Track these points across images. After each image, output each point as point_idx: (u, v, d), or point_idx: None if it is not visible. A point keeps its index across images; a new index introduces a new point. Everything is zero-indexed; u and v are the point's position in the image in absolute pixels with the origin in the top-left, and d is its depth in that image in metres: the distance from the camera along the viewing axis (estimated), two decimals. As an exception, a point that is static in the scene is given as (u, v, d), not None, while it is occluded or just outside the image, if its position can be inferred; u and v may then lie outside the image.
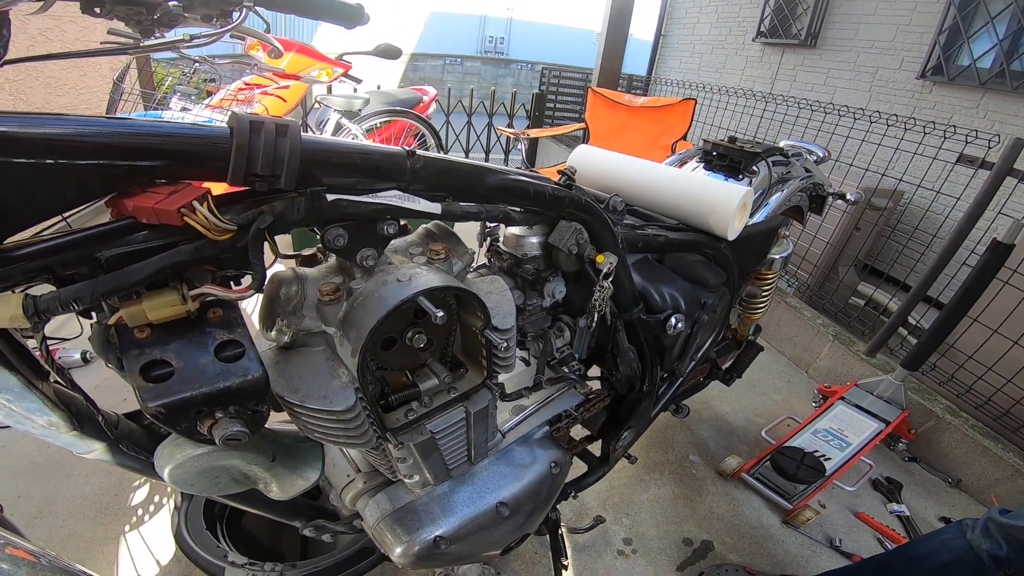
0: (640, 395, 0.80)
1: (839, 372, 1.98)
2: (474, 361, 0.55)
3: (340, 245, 0.41)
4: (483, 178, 0.48)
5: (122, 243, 0.33)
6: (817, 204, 1.26)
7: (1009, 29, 2.58)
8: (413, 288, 0.41)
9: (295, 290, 0.44)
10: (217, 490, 0.50)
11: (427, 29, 12.05)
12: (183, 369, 0.35)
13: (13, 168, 0.29)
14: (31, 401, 0.41)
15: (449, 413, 0.53)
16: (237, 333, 0.37)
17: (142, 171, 0.31)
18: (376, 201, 0.41)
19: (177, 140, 0.32)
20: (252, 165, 0.33)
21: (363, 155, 0.40)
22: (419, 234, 0.52)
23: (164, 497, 1.20)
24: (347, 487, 0.66)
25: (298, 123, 0.36)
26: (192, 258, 0.34)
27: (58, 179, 0.29)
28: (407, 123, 2.99)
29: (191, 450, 0.44)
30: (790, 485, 1.39)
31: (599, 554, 1.19)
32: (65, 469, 1.23)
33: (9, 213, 0.30)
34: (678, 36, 4.97)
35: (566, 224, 0.58)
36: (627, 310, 0.67)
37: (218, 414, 0.36)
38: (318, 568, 0.97)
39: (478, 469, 0.65)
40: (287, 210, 0.37)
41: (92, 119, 0.30)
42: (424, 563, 0.61)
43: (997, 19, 2.60)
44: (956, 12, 2.74)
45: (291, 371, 0.44)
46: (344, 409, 0.42)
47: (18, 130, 0.28)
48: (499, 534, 0.65)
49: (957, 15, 2.74)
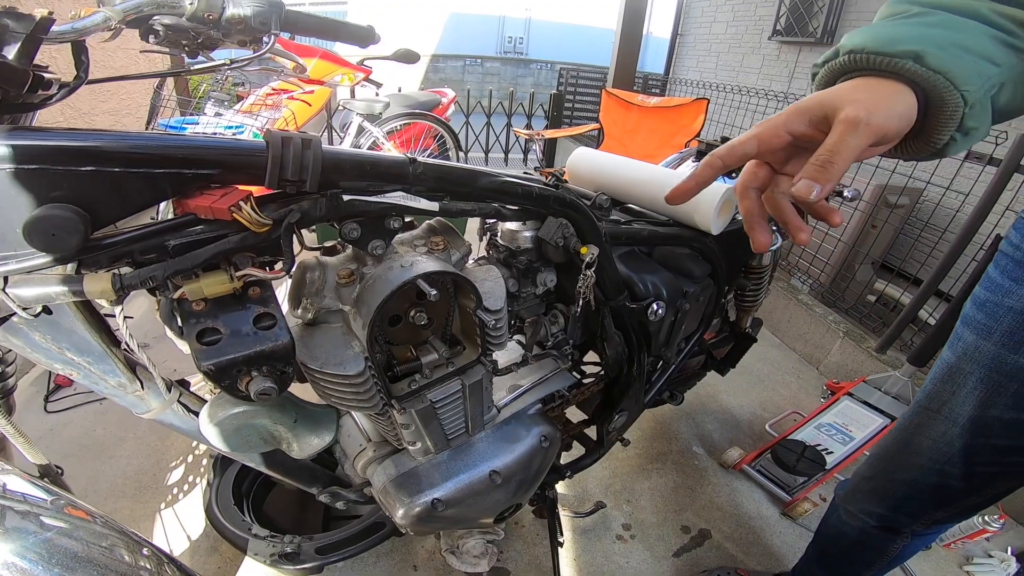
0: (630, 379, 0.87)
1: (850, 368, 1.99)
2: (471, 340, 0.63)
3: (354, 237, 0.50)
4: (476, 180, 0.56)
5: (184, 234, 0.42)
6: (819, 201, 1.29)
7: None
8: (413, 272, 0.50)
9: (318, 275, 0.53)
10: (248, 448, 0.59)
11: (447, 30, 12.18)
12: (229, 335, 0.44)
13: (106, 175, 0.38)
14: (107, 364, 0.51)
15: (447, 384, 0.61)
16: (271, 307, 0.45)
17: (201, 177, 0.40)
18: (384, 201, 0.49)
19: (227, 153, 0.41)
20: (284, 172, 0.42)
21: (373, 162, 0.49)
22: (423, 229, 0.61)
23: (197, 477, 1.31)
24: (359, 455, 0.74)
25: (320, 137, 0.45)
26: (238, 246, 0.43)
27: (139, 184, 0.39)
28: (426, 125, 3.08)
29: (229, 410, 0.53)
30: (790, 477, 1.43)
31: (598, 538, 1.25)
32: (108, 451, 1.36)
33: (101, 210, 0.39)
34: (695, 35, 4.96)
35: (553, 220, 0.65)
36: (612, 297, 0.74)
37: (254, 373, 0.45)
38: (332, 540, 1.07)
39: (475, 440, 0.72)
40: (311, 208, 0.45)
41: (166, 137, 0.39)
42: (423, 525, 0.69)
43: None
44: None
45: (313, 343, 0.53)
46: (355, 374, 0.51)
47: (112, 145, 0.38)
48: (491, 500, 0.73)
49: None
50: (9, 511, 0.49)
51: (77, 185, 0.37)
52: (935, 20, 0.39)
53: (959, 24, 0.38)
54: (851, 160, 0.35)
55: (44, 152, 0.35)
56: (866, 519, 0.80)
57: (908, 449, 0.71)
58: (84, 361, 0.49)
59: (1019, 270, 0.55)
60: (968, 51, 0.37)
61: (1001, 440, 0.60)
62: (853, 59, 0.39)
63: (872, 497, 0.79)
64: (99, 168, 0.37)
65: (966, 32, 0.38)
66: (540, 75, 12.01)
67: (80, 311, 0.46)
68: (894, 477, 0.75)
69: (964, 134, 0.39)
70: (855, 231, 2.36)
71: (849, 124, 0.34)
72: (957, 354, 0.63)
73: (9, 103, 0.40)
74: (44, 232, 0.35)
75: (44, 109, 0.46)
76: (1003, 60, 0.37)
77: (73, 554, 0.49)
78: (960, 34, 0.37)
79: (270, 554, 1.01)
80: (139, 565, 0.54)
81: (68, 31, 0.48)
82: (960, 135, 0.39)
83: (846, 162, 0.34)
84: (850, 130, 0.34)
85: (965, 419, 0.62)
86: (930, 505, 0.72)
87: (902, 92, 0.37)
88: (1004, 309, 0.56)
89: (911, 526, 0.77)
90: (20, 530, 0.48)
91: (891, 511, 0.76)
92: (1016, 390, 0.57)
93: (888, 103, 0.36)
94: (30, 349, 0.46)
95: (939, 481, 0.68)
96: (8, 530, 0.48)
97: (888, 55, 0.37)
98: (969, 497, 0.68)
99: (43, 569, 0.47)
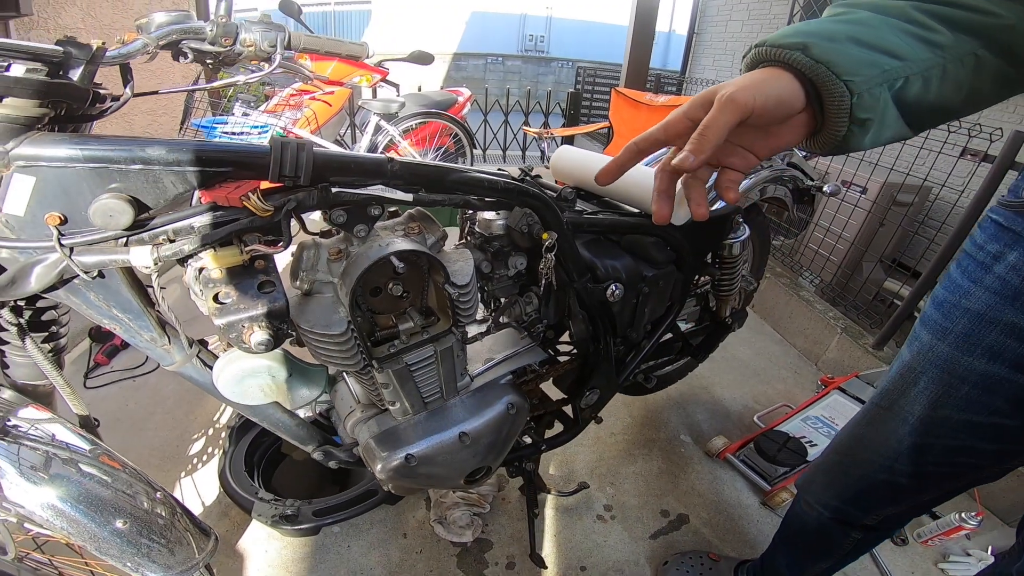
0: (598, 357, 0.96)
1: (847, 364, 2.01)
2: (444, 313, 0.74)
3: (341, 222, 0.61)
4: (446, 176, 0.66)
5: (206, 218, 0.54)
6: (808, 197, 1.32)
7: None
8: (389, 250, 0.61)
9: (313, 252, 0.64)
10: (251, 398, 0.68)
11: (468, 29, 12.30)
12: (238, 297, 0.55)
13: (150, 172, 0.50)
14: (143, 321, 0.63)
15: (421, 350, 0.72)
16: (272, 276, 0.57)
17: (220, 174, 0.52)
18: (365, 192, 0.60)
19: (239, 155, 0.53)
20: (283, 169, 0.53)
21: (355, 161, 0.60)
22: (403, 217, 0.72)
23: (215, 448, 1.43)
24: (349, 416, 0.85)
25: (312, 141, 0.56)
26: (247, 227, 0.54)
27: (174, 178, 0.51)
28: (441, 124, 3.20)
29: (235, 363, 0.65)
30: (771, 467, 1.46)
31: (579, 516, 1.32)
32: (139, 424, 1.49)
33: (145, 198, 0.51)
34: (711, 33, 4.94)
35: (519, 210, 0.75)
36: (575, 280, 0.83)
37: (255, 328, 0.57)
38: (329, 505, 1.16)
39: (449, 405, 0.82)
40: (306, 198, 0.57)
41: (193, 142, 0.51)
42: (399, 479, 0.77)
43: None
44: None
45: (308, 309, 0.64)
46: (339, 333, 0.62)
47: (155, 150, 0.50)
48: (460, 460, 0.81)
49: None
50: (55, 459, 0.61)
51: (128, 179, 0.49)
52: (850, 18, 0.40)
53: (869, 21, 0.40)
54: (721, 133, 0.38)
55: (106, 155, 0.47)
56: (821, 510, 0.81)
57: (861, 444, 0.72)
58: (126, 317, 0.61)
59: (980, 271, 0.54)
60: (861, 44, 0.38)
61: (950, 440, 0.60)
62: (758, 52, 0.42)
63: (827, 489, 0.80)
64: (145, 167, 0.49)
65: (870, 27, 0.39)
66: (561, 73, 12.02)
67: (125, 277, 0.58)
68: (847, 471, 0.75)
69: (859, 126, 0.39)
70: (860, 229, 2.37)
71: (718, 102, 0.39)
72: (912, 353, 0.63)
73: (72, 115, 0.52)
74: (104, 214, 0.48)
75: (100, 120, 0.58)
76: (909, 54, 0.38)
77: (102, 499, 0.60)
78: (862, 28, 0.39)
79: (271, 516, 1.11)
80: (155, 512, 0.66)
81: (116, 56, 0.60)
82: (857, 127, 0.40)
83: (716, 135, 0.38)
84: (718, 107, 0.38)
85: (915, 418, 0.62)
86: (880, 501, 0.73)
87: (778, 76, 0.39)
88: (960, 311, 0.56)
89: (862, 520, 0.78)
90: (63, 476, 0.60)
91: (843, 503, 0.77)
92: (967, 392, 0.56)
93: (758, 84, 0.39)
94: (86, 306, 0.59)
95: (888, 478, 0.68)
96: (54, 476, 0.60)
97: (780, 46, 0.40)
98: (918, 495, 0.69)
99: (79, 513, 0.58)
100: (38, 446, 0.61)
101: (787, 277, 2.51)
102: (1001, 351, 0.53)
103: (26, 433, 0.60)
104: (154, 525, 0.62)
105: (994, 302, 0.53)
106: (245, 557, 1.15)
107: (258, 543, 1.18)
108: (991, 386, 0.55)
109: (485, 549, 1.21)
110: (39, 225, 0.50)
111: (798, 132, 0.42)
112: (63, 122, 0.51)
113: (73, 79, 0.44)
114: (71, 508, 0.59)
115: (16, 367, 0.64)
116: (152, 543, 0.63)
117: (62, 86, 0.43)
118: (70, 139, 0.46)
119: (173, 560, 0.65)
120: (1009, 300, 0.51)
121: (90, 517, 0.58)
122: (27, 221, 0.50)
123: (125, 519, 0.59)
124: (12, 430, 0.60)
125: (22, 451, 0.58)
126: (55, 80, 0.42)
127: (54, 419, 0.67)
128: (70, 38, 0.53)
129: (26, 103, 0.41)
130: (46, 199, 0.49)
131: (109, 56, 0.55)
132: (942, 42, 0.39)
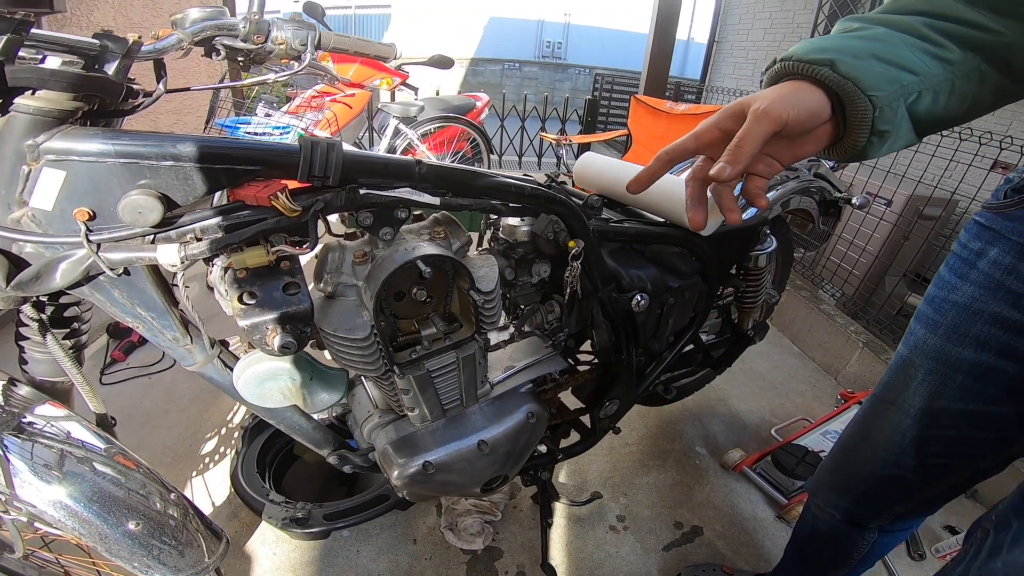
0: (620, 367, 0.94)
1: (867, 379, 1.96)
2: (467, 319, 0.72)
3: (367, 224, 0.60)
4: (474, 180, 0.65)
5: (233, 217, 0.53)
6: (834, 209, 1.29)
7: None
8: (415, 254, 0.60)
9: (337, 255, 0.63)
10: (270, 401, 0.67)
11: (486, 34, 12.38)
12: (263, 299, 0.55)
13: (180, 169, 0.50)
14: (166, 320, 0.62)
15: (443, 356, 0.70)
16: (297, 278, 0.56)
17: (249, 172, 0.51)
18: (393, 195, 0.59)
19: (268, 153, 0.52)
20: (312, 169, 0.53)
21: (384, 163, 0.59)
22: (429, 221, 0.70)
23: (227, 448, 1.43)
24: (366, 421, 0.84)
25: (341, 141, 0.55)
26: (274, 227, 0.53)
27: (203, 176, 0.50)
28: (459, 128, 3.21)
29: (256, 364, 0.64)
30: (788, 481, 1.42)
31: (592, 526, 1.29)
32: (153, 421, 1.49)
33: (175, 195, 0.50)
34: (732, 42, 4.90)
35: (545, 216, 0.74)
36: (600, 288, 0.81)
37: (279, 330, 0.56)
38: (340, 508, 1.14)
39: (468, 412, 0.81)
40: (334, 199, 0.56)
41: (224, 140, 0.50)
42: (416, 487, 0.76)
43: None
44: None
45: (331, 312, 0.63)
46: (362, 338, 0.61)
47: (186, 146, 0.49)
48: (478, 468, 0.80)
49: None
50: (70, 457, 0.61)
51: (159, 176, 0.48)
52: (868, 34, 0.43)
53: (886, 37, 0.42)
54: (757, 145, 0.40)
55: (138, 151, 0.47)
56: (832, 512, 0.82)
57: (866, 441, 0.74)
58: (149, 316, 0.60)
59: (965, 267, 0.59)
60: (882, 60, 0.41)
61: (950, 431, 0.63)
62: (784, 66, 0.44)
63: (836, 490, 0.81)
64: (176, 163, 0.48)
65: (888, 44, 0.42)
66: (578, 80, 12.03)
67: (150, 275, 0.57)
68: (854, 470, 0.77)
69: (879, 136, 0.42)
70: (884, 243, 2.31)
71: (753, 114, 0.41)
72: (909, 347, 0.66)
73: (104, 110, 0.52)
74: (133, 210, 0.47)
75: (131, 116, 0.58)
76: (923, 70, 0.41)
77: (115, 499, 0.59)
78: (881, 45, 0.42)
79: (282, 518, 1.09)
80: (168, 513, 0.65)
81: (151, 51, 0.60)
82: (876, 138, 0.42)
83: (752, 147, 0.40)
84: (753, 119, 0.41)
85: (916, 410, 0.65)
86: (889, 498, 0.75)
87: (808, 90, 0.42)
88: (949, 304, 0.60)
89: (875, 520, 0.79)
90: (77, 474, 0.59)
91: (854, 504, 0.79)
92: (962, 382, 0.60)
93: (790, 97, 0.41)
94: (110, 304, 0.58)
95: (895, 473, 0.70)
96: (67, 474, 0.59)
97: (808, 62, 0.42)
98: (925, 490, 0.71)
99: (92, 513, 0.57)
100: (53, 444, 0.60)
101: (807, 290, 2.46)
102: (987, 340, 0.57)
103: (41, 430, 0.60)
104: (166, 527, 0.61)
105: (979, 294, 0.57)
106: (253, 559, 1.14)
107: (267, 545, 1.17)
108: (982, 375, 0.58)
109: (495, 557, 1.19)
110: (67, 220, 0.50)
111: (820, 142, 0.44)
112: (94, 117, 0.50)
113: (108, 73, 0.44)
114: (84, 508, 0.58)
115: (35, 363, 0.64)
116: (163, 545, 0.62)
117: (98, 80, 0.43)
118: (103, 134, 0.46)
119: (183, 562, 0.64)
120: (992, 292, 0.56)
121: (102, 518, 0.57)
122: (55, 216, 0.50)
123: (138, 520, 0.58)
124: (28, 427, 0.59)
125: (36, 448, 0.58)
126: (91, 74, 0.42)
127: (71, 416, 0.66)
128: (107, 31, 0.53)
129: (60, 96, 0.40)
130: (75, 194, 0.49)
131: (144, 51, 0.55)
132: (952, 59, 0.42)
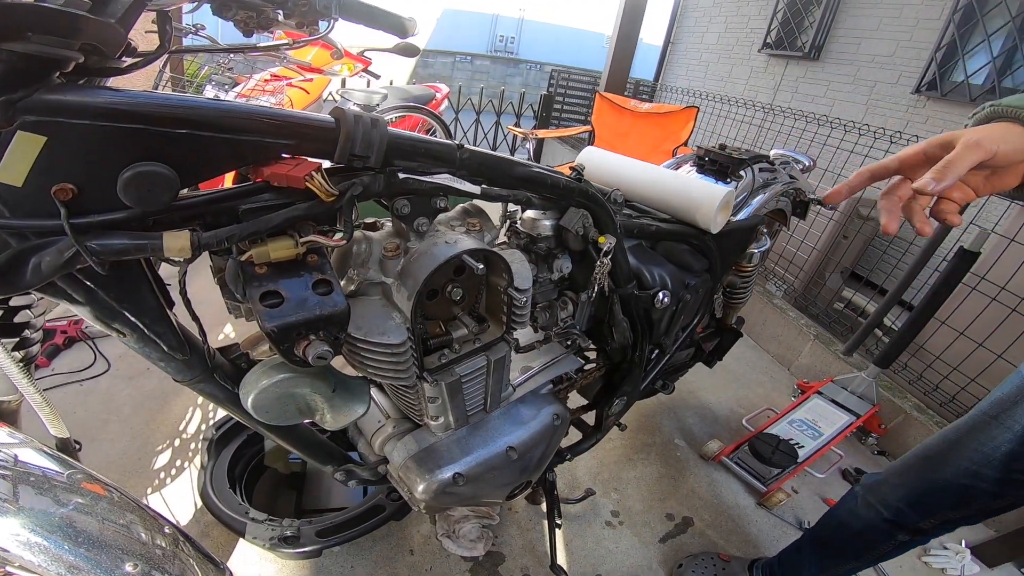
0: (631, 364, 0.92)
1: (818, 369, 2.11)
2: (495, 318, 0.67)
3: (404, 213, 0.53)
4: (512, 169, 0.60)
5: (255, 200, 0.45)
6: (801, 209, 1.37)
7: (1004, 46, 2.67)
8: (459, 248, 0.54)
9: (364, 247, 0.56)
10: (286, 419, 0.58)
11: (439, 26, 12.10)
12: (291, 299, 0.47)
13: (198, 138, 0.41)
14: (161, 327, 0.52)
15: (473, 359, 0.65)
16: (328, 274, 0.48)
17: (279, 147, 0.44)
18: (434, 181, 0.53)
19: (307, 127, 0.44)
20: (353, 147, 0.45)
21: (426, 145, 0.52)
22: (457, 211, 0.65)
23: (185, 462, 1.28)
24: (377, 432, 0.76)
25: (384, 117, 0.48)
26: (305, 214, 0.46)
27: (225, 149, 0.41)
28: (420, 118, 3.09)
29: (273, 377, 0.54)
30: (765, 469, 1.51)
31: (589, 523, 1.31)
32: (90, 434, 1.31)
33: (188, 171, 0.41)
34: (686, 44, 5.09)
35: (575, 210, 0.70)
36: (623, 285, 0.79)
37: (311, 337, 0.48)
38: (333, 523, 1.06)
39: (491, 417, 0.76)
40: (372, 183, 0.49)
41: (252, 107, 0.42)
42: (442, 499, 0.71)
43: (993, 37, 2.69)
44: (955, 29, 2.84)
45: (356, 313, 0.56)
46: (398, 343, 0.54)
47: (207, 110, 0.40)
48: (508, 475, 0.76)
49: (956, 32, 2.84)
50: (23, 485, 0.49)
51: (170, 146, 0.39)
52: None
53: None
54: (964, 169, 0.45)
55: (146, 113, 0.38)
56: (881, 510, 0.85)
57: (954, 449, 0.76)
58: (141, 322, 0.50)
59: None
60: None
61: None
62: (994, 110, 0.51)
63: (897, 490, 0.83)
64: (193, 132, 0.39)
65: None
66: (529, 75, 12.06)
67: (146, 271, 0.48)
68: (928, 475, 0.79)
69: None
70: (827, 240, 2.50)
71: (965, 143, 0.46)
72: None
73: (96, 68, 0.42)
74: (140, 187, 0.38)
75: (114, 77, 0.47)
76: None
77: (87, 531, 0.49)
78: None
79: (269, 538, 0.99)
80: (155, 543, 0.54)
81: (163, 0, 0.50)
82: None
83: (960, 169, 0.45)
84: (965, 146, 0.46)
85: (1021, 427, 0.68)
86: (945, 505, 0.78)
87: (1015, 130, 0.48)
88: None
89: (918, 523, 0.82)
90: (34, 506, 0.48)
91: (908, 506, 0.81)
92: None
93: (1002, 135, 0.47)
94: (90, 308, 0.47)
95: (970, 482, 0.73)
96: (22, 507, 0.48)
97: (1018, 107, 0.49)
98: (990, 502, 0.74)
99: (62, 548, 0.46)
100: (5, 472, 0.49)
101: (759, 285, 2.61)
102: None
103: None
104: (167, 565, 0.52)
105: None
106: (232, 583, 1.02)
107: (249, 565, 1.05)
108: None
109: (498, 562, 1.15)
110: (43, 199, 0.39)
111: (1016, 178, 0.50)
112: (83, 75, 0.40)
113: (112, 21, 0.35)
114: (51, 543, 0.47)
115: (-24, 378, 0.52)
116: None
117: (104, 26, 0.34)
118: (104, 90, 0.36)
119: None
120: None
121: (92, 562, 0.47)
122: (26, 194, 0.39)
123: (135, 562, 0.48)
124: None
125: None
126: (97, 17, 0.32)
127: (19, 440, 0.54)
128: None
129: (55, 41, 0.31)
130: (57, 166, 0.38)
131: (155, 0, 0.45)
132: None
